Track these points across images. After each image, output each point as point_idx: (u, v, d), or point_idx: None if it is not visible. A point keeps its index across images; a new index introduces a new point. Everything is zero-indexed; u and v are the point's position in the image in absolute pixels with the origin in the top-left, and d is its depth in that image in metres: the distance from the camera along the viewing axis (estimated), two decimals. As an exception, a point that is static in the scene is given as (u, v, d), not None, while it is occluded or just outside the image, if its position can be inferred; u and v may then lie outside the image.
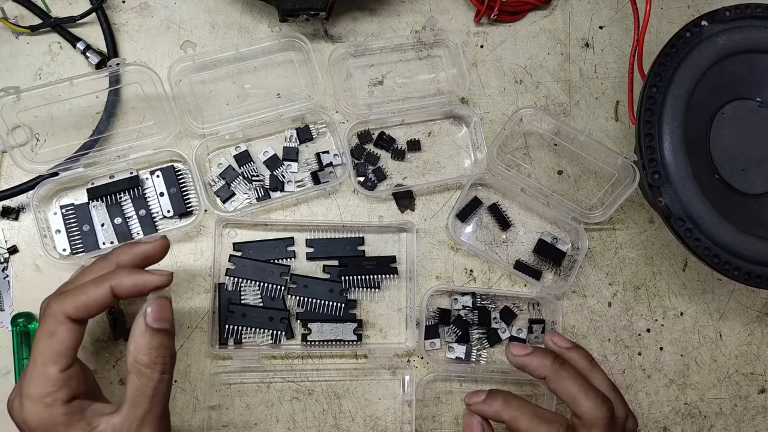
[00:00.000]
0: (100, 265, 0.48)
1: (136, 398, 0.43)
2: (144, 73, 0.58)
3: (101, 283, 0.44)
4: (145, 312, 0.44)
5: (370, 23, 0.65)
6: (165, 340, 0.44)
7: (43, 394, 0.42)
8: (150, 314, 0.44)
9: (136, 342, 0.43)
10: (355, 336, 0.59)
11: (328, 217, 0.61)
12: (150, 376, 0.43)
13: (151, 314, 0.44)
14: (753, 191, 0.60)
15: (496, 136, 0.61)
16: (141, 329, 0.43)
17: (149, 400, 0.43)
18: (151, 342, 0.43)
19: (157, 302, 0.44)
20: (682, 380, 0.63)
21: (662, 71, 0.57)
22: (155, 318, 0.44)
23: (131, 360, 0.43)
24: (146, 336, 0.43)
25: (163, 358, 0.44)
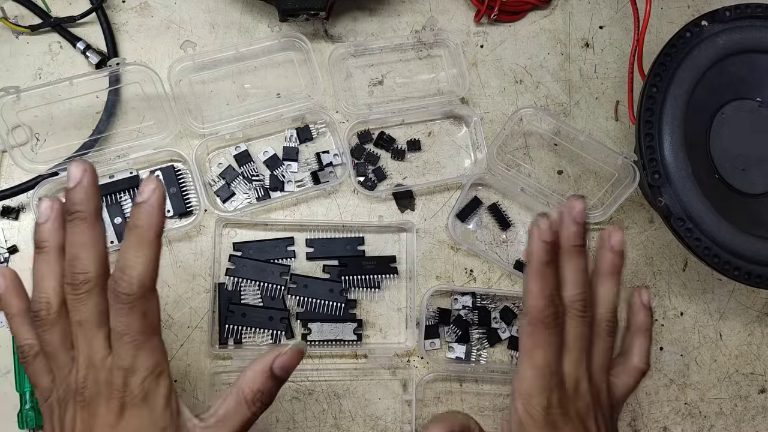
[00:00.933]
0: None
1: (225, 420, 0.43)
2: (144, 72, 0.58)
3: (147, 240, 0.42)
4: (277, 355, 0.44)
5: (370, 23, 0.65)
6: (274, 388, 0.44)
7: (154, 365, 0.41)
8: (280, 362, 0.44)
9: (254, 376, 0.44)
10: (355, 336, 0.59)
11: (328, 217, 0.61)
12: (246, 410, 0.44)
13: (281, 362, 0.44)
14: (753, 191, 0.60)
15: (496, 136, 0.61)
16: (264, 368, 0.44)
17: (234, 427, 0.43)
18: (264, 384, 0.44)
19: (293, 353, 0.45)
20: (682, 380, 0.63)
21: (662, 71, 0.57)
22: (282, 366, 0.44)
23: (240, 384, 0.44)
24: (264, 376, 0.44)
25: (263, 404, 0.44)
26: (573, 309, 0.46)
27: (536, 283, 0.44)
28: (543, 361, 0.45)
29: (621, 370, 0.49)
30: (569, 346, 0.46)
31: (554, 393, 0.45)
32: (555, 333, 0.45)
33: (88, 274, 0.42)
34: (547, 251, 0.44)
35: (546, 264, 0.44)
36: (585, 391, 0.46)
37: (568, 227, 0.46)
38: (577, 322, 0.46)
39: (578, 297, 0.46)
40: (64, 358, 0.43)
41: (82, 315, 0.42)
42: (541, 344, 0.45)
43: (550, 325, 0.44)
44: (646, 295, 0.51)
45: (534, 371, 0.45)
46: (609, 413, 0.47)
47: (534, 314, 0.45)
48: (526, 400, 0.45)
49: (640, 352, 0.50)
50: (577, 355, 0.46)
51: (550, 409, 0.44)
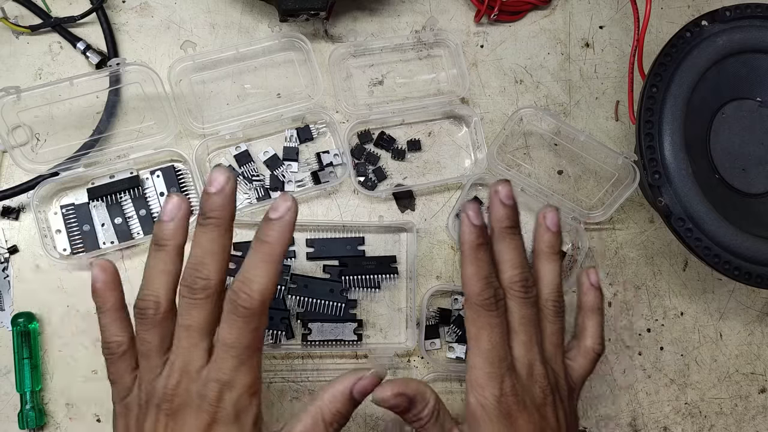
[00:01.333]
0: None
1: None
2: (144, 73, 0.58)
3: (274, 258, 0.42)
4: (360, 378, 0.43)
5: (370, 23, 0.65)
6: (351, 410, 0.44)
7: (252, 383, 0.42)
8: (360, 386, 0.43)
9: (334, 397, 0.43)
10: (355, 336, 0.59)
11: (328, 217, 0.61)
12: (323, 430, 0.43)
13: (361, 386, 0.43)
14: (753, 191, 0.60)
15: (496, 136, 0.62)
16: (345, 390, 0.43)
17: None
18: (343, 408, 0.43)
19: (373, 378, 0.44)
20: (682, 380, 0.63)
21: (662, 71, 0.57)
22: (362, 391, 0.43)
23: (319, 404, 0.43)
24: (344, 399, 0.43)
25: (340, 425, 0.43)
26: (513, 290, 0.45)
27: (470, 267, 0.44)
28: (489, 345, 0.43)
29: (576, 353, 0.49)
30: (515, 328, 0.45)
31: (506, 379, 0.43)
32: (497, 315, 0.44)
33: (209, 281, 0.42)
34: (477, 235, 0.44)
35: (477, 247, 0.44)
36: (540, 374, 0.45)
37: (497, 210, 0.46)
38: (519, 303, 0.45)
39: (517, 277, 0.45)
40: (156, 361, 0.42)
41: (192, 320, 0.42)
42: (484, 328, 0.44)
43: (490, 308, 0.43)
44: (594, 275, 0.50)
45: (482, 358, 0.43)
46: (567, 398, 0.46)
47: (473, 299, 0.44)
48: (478, 391, 0.43)
49: (593, 332, 0.49)
50: (525, 337, 0.45)
51: (502, 397, 0.43)
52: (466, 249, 0.44)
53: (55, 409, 0.57)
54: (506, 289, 0.45)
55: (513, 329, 0.45)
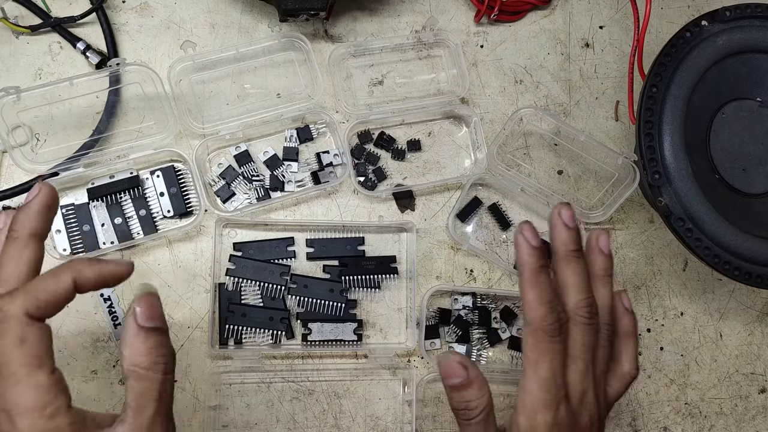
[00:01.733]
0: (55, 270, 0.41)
1: (140, 404, 0.38)
2: (144, 73, 0.58)
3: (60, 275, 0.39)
4: (134, 312, 0.39)
5: (370, 23, 0.65)
6: (161, 339, 0.40)
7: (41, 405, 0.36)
8: (140, 314, 0.39)
9: (131, 345, 0.39)
10: (355, 336, 0.59)
11: (328, 217, 0.61)
12: (152, 379, 0.39)
13: (142, 313, 0.39)
14: (753, 191, 0.60)
15: (496, 136, 0.62)
16: (133, 331, 0.39)
17: (154, 404, 0.39)
18: (146, 342, 0.39)
19: (146, 299, 0.39)
20: (682, 380, 0.63)
21: (662, 71, 0.57)
22: (147, 317, 0.39)
23: (128, 365, 0.38)
24: (140, 337, 0.39)
25: (164, 357, 0.39)
26: (578, 315, 0.43)
27: (532, 291, 0.42)
28: (548, 373, 0.42)
29: (612, 376, 0.48)
30: (574, 355, 0.43)
31: (561, 408, 0.42)
32: (559, 341, 0.42)
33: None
34: (538, 257, 0.42)
35: (539, 270, 0.42)
36: (590, 402, 0.43)
37: (561, 233, 0.44)
38: (583, 330, 0.43)
39: (584, 303, 0.43)
40: None
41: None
42: (545, 355, 0.42)
43: (553, 334, 0.42)
44: (627, 300, 0.49)
45: (539, 385, 0.42)
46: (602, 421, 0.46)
47: (535, 324, 0.42)
48: (530, 415, 0.42)
49: (629, 357, 0.48)
50: (582, 365, 0.43)
51: (554, 425, 0.42)
52: (527, 272, 0.42)
53: (55, 409, 0.57)
54: (571, 314, 0.43)
55: (572, 356, 0.43)
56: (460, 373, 0.42)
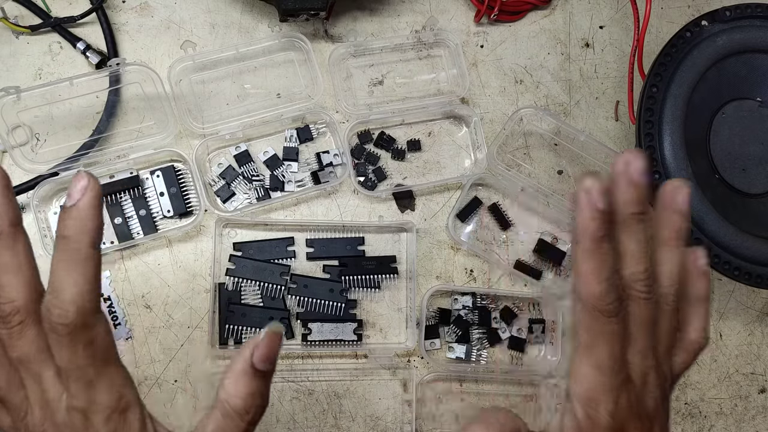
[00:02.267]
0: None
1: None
2: (144, 73, 0.58)
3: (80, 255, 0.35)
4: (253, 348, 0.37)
5: (370, 23, 0.65)
6: (263, 386, 0.38)
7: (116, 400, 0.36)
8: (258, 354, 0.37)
9: (234, 382, 0.37)
10: (355, 336, 0.59)
11: (328, 217, 0.61)
12: (237, 423, 0.37)
13: (260, 354, 0.37)
14: (753, 191, 0.60)
15: (496, 136, 0.61)
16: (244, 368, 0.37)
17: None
18: (249, 386, 0.37)
19: (270, 338, 0.37)
20: (682, 380, 0.63)
21: (662, 71, 0.57)
22: (263, 358, 0.37)
23: (224, 397, 0.37)
24: (246, 378, 0.37)
25: (256, 408, 0.37)
26: (635, 290, 0.37)
27: (589, 263, 0.35)
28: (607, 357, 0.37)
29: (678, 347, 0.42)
30: (634, 334, 0.38)
31: (623, 394, 0.37)
32: (618, 321, 0.36)
33: (14, 303, 0.35)
34: (602, 222, 0.35)
35: (600, 239, 0.35)
36: (654, 384, 0.39)
37: (625, 191, 0.36)
38: (642, 306, 0.38)
39: (642, 275, 0.37)
40: (15, 399, 0.37)
41: (20, 351, 0.36)
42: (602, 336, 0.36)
43: (612, 314, 0.36)
44: (703, 258, 0.42)
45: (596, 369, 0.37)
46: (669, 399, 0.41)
47: (592, 302, 0.36)
48: (589, 404, 0.37)
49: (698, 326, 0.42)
50: (644, 344, 0.38)
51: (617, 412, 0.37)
52: (586, 240, 0.35)
53: (55, 409, 0.57)
54: (626, 287, 0.37)
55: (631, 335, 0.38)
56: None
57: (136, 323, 0.58)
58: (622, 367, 0.37)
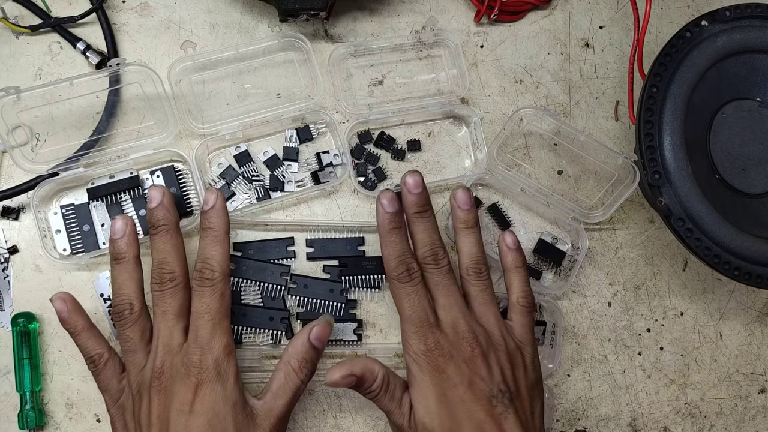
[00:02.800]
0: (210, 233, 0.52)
1: (279, 392, 0.50)
2: (144, 73, 0.58)
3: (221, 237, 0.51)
4: (312, 328, 0.52)
5: (370, 23, 0.65)
6: (315, 356, 0.52)
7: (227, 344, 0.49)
8: (315, 332, 0.52)
9: (296, 348, 0.51)
10: (355, 336, 0.59)
11: (328, 217, 0.61)
12: (294, 379, 0.50)
13: (316, 332, 0.52)
14: (753, 191, 0.60)
15: (496, 136, 0.61)
16: (303, 340, 0.51)
17: (289, 397, 0.50)
18: (306, 354, 0.51)
19: (324, 324, 0.52)
20: (682, 380, 0.63)
21: (662, 71, 0.57)
22: (317, 337, 0.52)
23: (285, 359, 0.51)
24: (305, 347, 0.51)
25: (309, 370, 0.51)
26: (425, 263, 0.52)
27: (386, 249, 0.52)
28: (410, 310, 0.51)
29: (511, 311, 0.55)
30: (434, 295, 0.52)
31: (429, 336, 0.50)
32: (411, 285, 0.51)
33: (174, 272, 0.50)
34: (390, 220, 0.52)
35: (390, 231, 0.52)
36: (464, 330, 0.50)
37: (407, 198, 0.53)
38: (431, 273, 0.52)
39: (428, 252, 0.52)
40: (141, 354, 0.50)
41: (167, 306, 0.49)
42: (403, 297, 0.51)
43: (404, 280, 0.51)
44: (509, 237, 0.56)
45: (407, 323, 0.51)
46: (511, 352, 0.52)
47: (390, 274, 0.52)
48: (408, 349, 0.50)
49: (517, 288, 0.55)
50: (443, 300, 0.52)
51: (428, 352, 0.50)
52: (382, 233, 0.52)
53: (55, 409, 0.57)
54: (421, 263, 0.52)
55: (433, 296, 0.52)
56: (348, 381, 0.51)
57: (136, 323, 0.58)
58: (426, 318, 0.50)
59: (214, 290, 0.49)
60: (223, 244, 0.51)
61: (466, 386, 0.49)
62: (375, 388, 0.51)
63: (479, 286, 0.54)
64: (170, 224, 0.51)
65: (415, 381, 0.50)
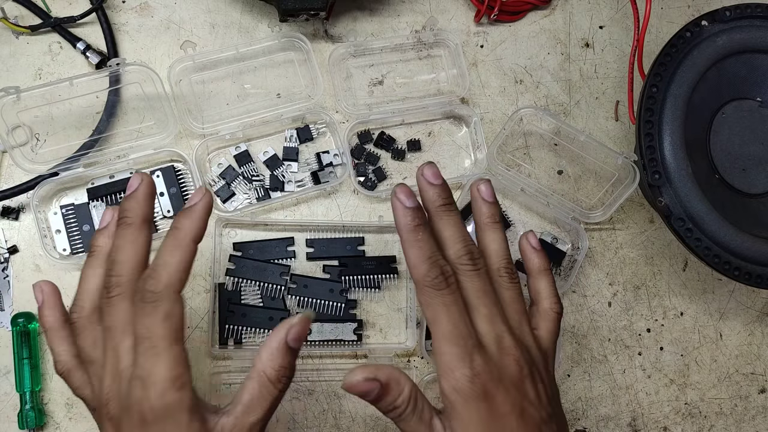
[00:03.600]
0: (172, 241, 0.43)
1: (253, 405, 0.41)
2: (144, 73, 0.58)
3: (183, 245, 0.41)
4: (288, 329, 0.42)
5: (370, 23, 0.65)
6: (293, 360, 0.43)
7: (175, 377, 0.39)
8: (293, 333, 0.42)
9: (271, 354, 0.42)
10: (355, 336, 0.59)
11: (328, 217, 0.61)
12: (271, 390, 0.42)
13: (294, 334, 0.42)
14: (753, 191, 0.60)
15: (496, 136, 0.61)
16: (279, 344, 0.42)
17: (264, 411, 0.42)
18: (284, 358, 0.42)
19: (302, 322, 0.42)
20: (682, 380, 0.63)
21: (662, 71, 0.57)
22: (296, 338, 0.42)
23: (259, 368, 0.42)
24: (281, 352, 0.42)
25: (288, 379, 0.43)
26: (461, 265, 0.43)
27: (412, 251, 0.42)
28: (449, 325, 0.40)
29: (538, 319, 0.47)
30: (473, 303, 0.42)
31: (475, 357, 0.40)
32: (449, 293, 0.41)
33: (121, 277, 0.41)
34: (413, 216, 0.42)
35: (415, 229, 0.42)
36: (510, 346, 0.42)
37: (428, 191, 0.44)
38: (470, 276, 0.43)
39: (462, 251, 0.43)
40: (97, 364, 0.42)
41: (110, 320, 0.41)
42: (440, 309, 0.41)
43: (441, 287, 0.41)
44: (533, 238, 0.50)
45: (445, 341, 0.40)
46: (544, 368, 0.44)
47: (422, 281, 0.41)
48: (448, 375, 0.40)
49: (547, 294, 0.48)
50: (485, 310, 0.42)
51: (475, 377, 0.40)
52: (404, 233, 0.43)
53: (55, 409, 0.57)
54: (454, 266, 0.43)
55: (471, 305, 0.42)
56: (370, 387, 0.41)
57: (136, 323, 0.58)
58: (468, 334, 0.40)
59: (156, 308, 0.39)
60: (185, 252, 0.41)
61: (517, 416, 0.40)
62: (401, 403, 0.42)
63: (514, 290, 0.45)
64: (135, 217, 0.43)
65: (455, 413, 0.40)
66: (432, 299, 0.41)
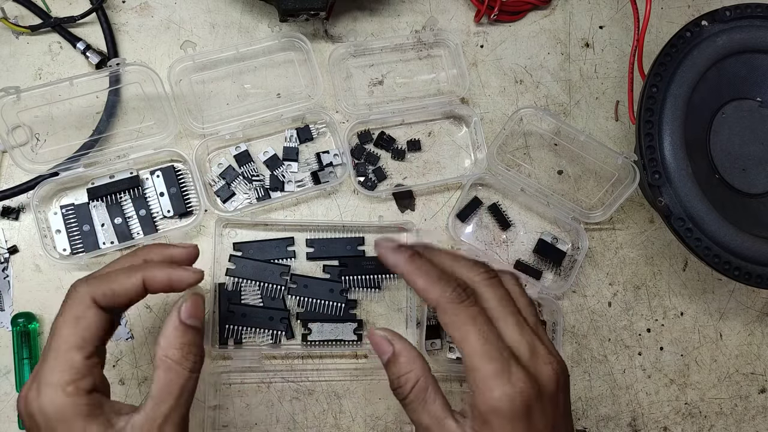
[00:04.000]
0: (128, 259, 0.46)
1: (162, 395, 0.40)
2: (144, 73, 0.58)
3: (133, 274, 0.43)
4: (179, 307, 0.42)
5: (370, 23, 0.65)
6: (196, 338, 0.42)
7: (66, 382, 0.39)
8: (185, 310, 0.42)
9: (168, 337, 0.41)
10: (355, 336, 0.59)
11: (328, 217, 0.61)
12: (179, 372, 0.41)
13: (186, 310, 0.42)
14: (753, 191, 0.60)
15: (496, 136, 0.61)
16: (174, 324, 0.42)
17: (175, 398, 0.41)
18: (183, 337, 0.41)
19: (193, 299, 0.43)
20: (682, 380, 0.63)
21: (662, 71, 0.57)
22: (189, 314, 0.42)
23: (161, 354, 0.41)
24: (179, 331, 0.42)
25: (194, 356, 0.42)
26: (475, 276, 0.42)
27: (419, 278, 0.41)
28: (480, 339, 0.38)
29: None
30: (498, 315, 0.40)
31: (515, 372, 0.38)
32: (472, 303, 0.39)
33: None
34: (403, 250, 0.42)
35: (411, 259, 0.41)
36: (543, 352, 0.40)
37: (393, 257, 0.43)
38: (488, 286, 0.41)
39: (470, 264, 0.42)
40: None
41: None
42: (466, 324, 0.39)
43: (462, 298, 0.39)
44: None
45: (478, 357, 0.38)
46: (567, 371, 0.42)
47: (441, 302, 0.40)
48: (486, 394, 0.38)
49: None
50: (513, 319, 0.40)
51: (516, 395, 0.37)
52: (403, 267, 0.42)
53: (55, 409, 0.57)
54: (471, 283, 0.41)
55: (495, 316, 0.40)
56: (386, 348, 0.42)
57: (136, 323, 0.58)
58: (501, 346, 0.38)
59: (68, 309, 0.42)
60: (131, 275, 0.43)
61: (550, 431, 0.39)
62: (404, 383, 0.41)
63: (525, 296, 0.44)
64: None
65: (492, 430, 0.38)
66: (456, 316, 0.39)
